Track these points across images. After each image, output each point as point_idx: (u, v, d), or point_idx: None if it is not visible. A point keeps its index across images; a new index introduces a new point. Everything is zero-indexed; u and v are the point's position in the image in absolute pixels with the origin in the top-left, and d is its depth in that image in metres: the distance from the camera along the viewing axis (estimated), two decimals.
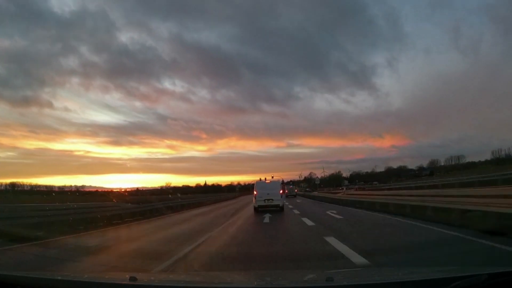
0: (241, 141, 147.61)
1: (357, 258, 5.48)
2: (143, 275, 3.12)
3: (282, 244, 7.72)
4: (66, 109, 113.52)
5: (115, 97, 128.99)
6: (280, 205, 18.32)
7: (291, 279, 2.85)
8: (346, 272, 3.82)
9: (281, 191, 19.30)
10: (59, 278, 2.36)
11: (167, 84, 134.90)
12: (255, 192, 18.78)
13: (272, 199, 18.25)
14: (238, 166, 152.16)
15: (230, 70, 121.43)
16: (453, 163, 78.65)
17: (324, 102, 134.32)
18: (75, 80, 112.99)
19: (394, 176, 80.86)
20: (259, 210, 17.67)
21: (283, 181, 33.96)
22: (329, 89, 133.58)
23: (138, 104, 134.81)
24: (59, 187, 68.34)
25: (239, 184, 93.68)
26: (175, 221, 15.48)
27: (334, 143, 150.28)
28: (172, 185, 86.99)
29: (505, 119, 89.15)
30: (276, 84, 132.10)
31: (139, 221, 15.52)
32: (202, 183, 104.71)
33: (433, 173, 72.21)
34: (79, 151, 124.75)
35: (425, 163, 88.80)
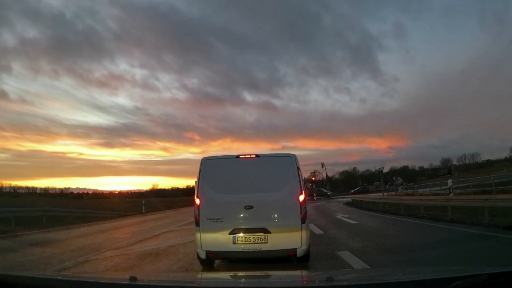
0: (236, 143, 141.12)
1: None
2: (143, 275, 3.12)
3: None
4: (53, 108, 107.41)
5: (68, 83, 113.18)
6: (300, 251, 5.13)
7: (291, 279, 2.85)
8: (346, 272, 3.82)
9: (300, 194, 5.31)
10: (59, 278, 2.36)
11: (124, 66, 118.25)
12: (196, 199, 5.43)
13: (266, 229, 5.13)
14: None
15: (199, 44, 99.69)
16: (466, 161, 74.74)
17: (318, 90, 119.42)
18: (17, 63, 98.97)
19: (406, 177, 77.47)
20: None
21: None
22: (323, 70, 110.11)
23: (98, 92, 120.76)
24: (41, 189, 68.10)
25: None
26: None
27: (330, 145, 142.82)
28: (159, 187, 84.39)
29: None
30: (258, 63, 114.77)
31: None
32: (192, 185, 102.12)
33: (451, 171, 69.35)
34: (71, 153, 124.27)
35: (425, 164, 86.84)
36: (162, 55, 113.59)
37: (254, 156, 5.69)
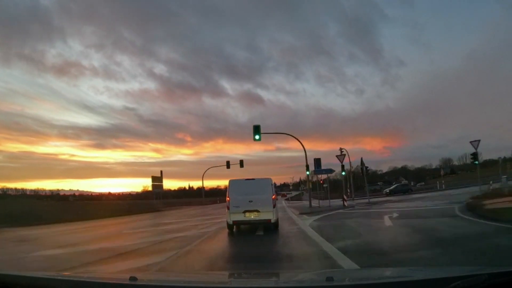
0: (228, 144, 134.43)
1: None
2: (143, 275, 3.12)
3: None
4: (42, 109, 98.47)
5: (21, 69, 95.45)
6: (273, 221, 11.39)
7: (291, 279, 2.85)
8: (346, 272, 3.83)
9: (273, 196, 11.81)
10: (59, 278, 2.36)
11: (78, 47, 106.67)
12: (227, 198, 11.69)
13: (258, 211, 11.34)
14: (227, 170, 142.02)
15: (160, 15, 76.21)
16: (467, 161, 70.68)
17: (308, 77, 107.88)
18: None
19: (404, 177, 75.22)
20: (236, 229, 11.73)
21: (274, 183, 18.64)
22: (314, 48, 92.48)
23: (56, 81, 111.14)
24: (31, 191, 66.94)
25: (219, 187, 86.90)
26: None
27: (324, 146, 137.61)
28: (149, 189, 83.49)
29: None
30: (234, 40, 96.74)
31: None
32: (187, 187, 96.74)
33: (454, 171, 67.67)
34: (63, 154, 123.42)
35: (420, 164, 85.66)
36: (120, 32, 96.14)
37: (252, 179, 12.08)
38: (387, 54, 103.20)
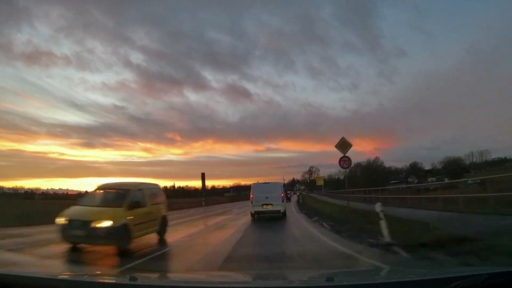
0: (218, 144, 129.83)
1: None
2: (143, 275, 3.12)
3: None
4: (31, 106, 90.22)
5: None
6: (282, 211, 15.90)
7: (291, 279, 2.86)
8: (346, 272, 3.83)
9: (282, 195, 16.53)
10: (59, 278, 2.36)
11: (47, 31, 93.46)
12: (251, 196, 16.35)
13: (272, 204, 15.80)
14: (217, 170, 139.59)
15: None
16: (474, 160, 67.76)
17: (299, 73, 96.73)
18: None
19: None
20: (257, 217, 15.79)
21: (283, 183, 31.30)
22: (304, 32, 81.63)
23: (27, 71, 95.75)
24: (10, 189, 64.18)
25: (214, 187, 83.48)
26: None
27: (313, 147, 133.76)
28: None
29: None
30: (217, 23, 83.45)
31: None
32: (175, 186, 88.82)
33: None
34: (53, 153, 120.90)
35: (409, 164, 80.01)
36: (91, 12, 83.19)
37: (268, 182, 17.44)
38: (386, 42, 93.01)
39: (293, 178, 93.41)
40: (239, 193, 73.71)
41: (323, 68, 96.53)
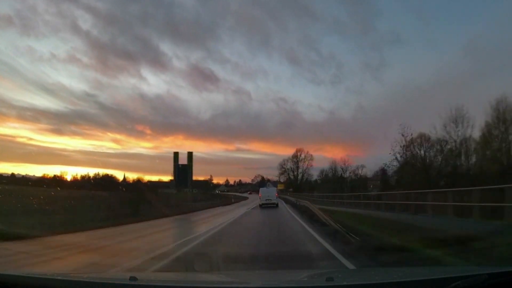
0: (188, 141, 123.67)
1: None
2: (143, 275, 3.12)
3: None
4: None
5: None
6: (276, 203, 29.16)
7: (291, 279, 2.85)
8: (346, 272, 3.83)
9: (276, 194, 30.84)
10: (59, 278, 2.36)
11: None
12: (259, 194, 30.61)
13: (271, 199, 28.97)
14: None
15: None
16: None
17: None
18: None
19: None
20: (262, 206, 27.87)
21: (277, 186, 51.57)
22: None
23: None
24: None
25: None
26: None
27: (285, 151, 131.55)
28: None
29: None
30: None
31: None
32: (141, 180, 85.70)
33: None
34: (21, 137, 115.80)
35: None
36: None
37: (269, 186, 42.27)
38: (378, 25, 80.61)
39: (264, 178, 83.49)
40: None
41: (302, 54, 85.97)
